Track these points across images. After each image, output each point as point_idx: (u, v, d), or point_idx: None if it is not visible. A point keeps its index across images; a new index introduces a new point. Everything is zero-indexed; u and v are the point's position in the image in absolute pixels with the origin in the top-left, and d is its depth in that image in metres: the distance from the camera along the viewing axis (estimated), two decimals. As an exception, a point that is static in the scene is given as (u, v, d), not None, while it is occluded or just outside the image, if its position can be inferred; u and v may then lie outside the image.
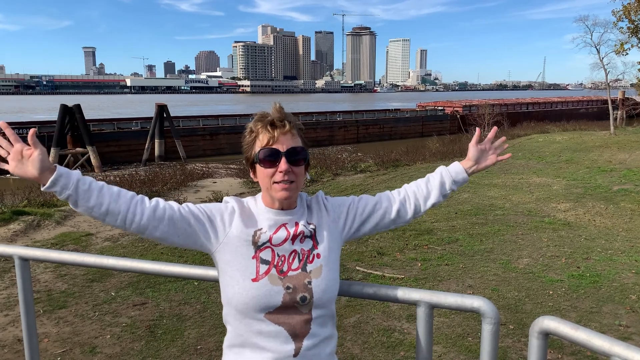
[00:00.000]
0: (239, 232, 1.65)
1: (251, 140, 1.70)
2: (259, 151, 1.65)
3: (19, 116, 59.04)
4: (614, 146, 21.53)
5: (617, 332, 5.15)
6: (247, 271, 1.61)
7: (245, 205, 1.73)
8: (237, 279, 1.62)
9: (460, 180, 1.92)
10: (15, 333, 5.09)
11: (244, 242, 1.65)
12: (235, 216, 1.68)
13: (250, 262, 1.62)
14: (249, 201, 1.74)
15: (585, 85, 55.96)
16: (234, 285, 1.62)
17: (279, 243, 1.66)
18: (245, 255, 1.63)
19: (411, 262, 7.27)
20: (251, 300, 1.59)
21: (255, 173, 1.72)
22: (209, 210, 1.70)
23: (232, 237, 1.66)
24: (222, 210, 1.70)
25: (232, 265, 1.64)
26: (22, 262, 2.46)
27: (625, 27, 25.43)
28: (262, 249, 1.64)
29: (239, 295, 1.60)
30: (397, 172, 15.72)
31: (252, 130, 1.70)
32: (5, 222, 8.95)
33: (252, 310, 1.60)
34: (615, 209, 10.30)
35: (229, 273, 1.64)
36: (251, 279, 1.60)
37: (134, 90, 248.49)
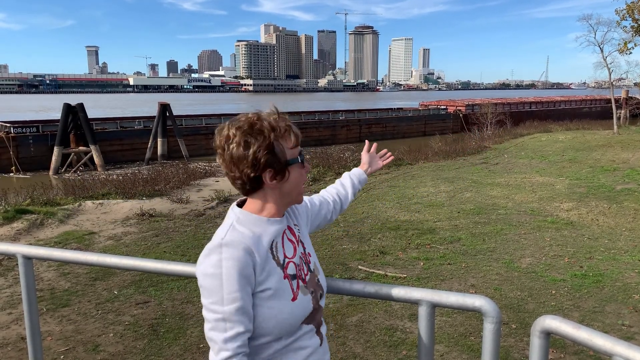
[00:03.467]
0: (263, 268, 1.54)
1: (275, 139, 1.54)
2: (298, 154, 1.60)
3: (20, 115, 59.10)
4: (617, 145, 21.46)
5: (620, 331, 5.14)
6: (285, 295, 1.57)
7: (252, 241, 1.53)
8: (278, 307, 1.54)
9: (363, 181, 2.26)
10: (18, 331, 5.11)
11: (270, 270, 1.56)
12: (257, 264, 1.52)
13: (284, 284, 1.58)
14: (245, 232, 1.55)
15: (589, 84, 55.78)
16: (276, 314, 1.54)
17: (292, 254, 1.67)
18: (278, 280, 1.56)
19: (413, 261, 7.27)
20: (295, 319, 1.59)
21: (285, 178, 1.59)
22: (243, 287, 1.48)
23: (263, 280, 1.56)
24: (249, 275, 1.49)
25: (268, 298, 1.54)
26: (25, 261, 2.47)
27: (629, 26, 25.33)
28: (286, 266, 1.61)
29: (282, 322, 1.55)
30: (400, 171, 15.71)
31: (273, 129, 1.55)
32: (8, 221, 8.98)
33: (295, 327, 1.61)
34: (619, 209, 10.27)
35: (267, 305, 1.53)
36: (291, 300, 1.58)
37: (136, 89, 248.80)
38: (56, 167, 26.62)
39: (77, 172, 26.37)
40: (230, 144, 1.54)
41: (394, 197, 11.61)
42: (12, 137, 26.40)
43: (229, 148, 1.54)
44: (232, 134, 1.54)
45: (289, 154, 1.58)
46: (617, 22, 25.99)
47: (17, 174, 25.32)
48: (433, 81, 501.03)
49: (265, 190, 1.60)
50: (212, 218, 9.83)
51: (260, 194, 1.61)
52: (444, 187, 12.84)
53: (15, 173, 25.34)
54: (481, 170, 15.82)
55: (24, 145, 27.05)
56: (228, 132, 1.56)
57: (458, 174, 15.09)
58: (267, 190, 1.60)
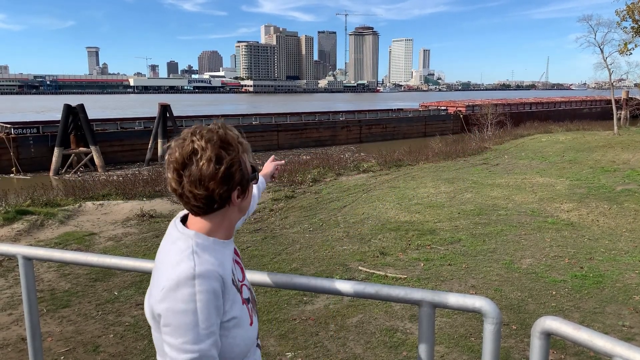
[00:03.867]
0: (229, 297, 1.45)
1: (238, 157, 1.44)
2: (253, 168, 1.52)
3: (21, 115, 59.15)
4: (617, 146, 21.46)
5: (620, 332, 5.14)
6: (245, 321, 1.49)
7: (220, 270, 1.42)
8: (240, 335, 1.46)
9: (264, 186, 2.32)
10: (19, 332, 5.11)
11: (234, 297, 1.47)
12: (224, 293, 1.42)
13: (244, 310, 1.50)
14: (203, 250, 1.42)
15: (589, 85, 55.75)
16: (238, 343, 1.46)
17: (242, 276, 1.59)
18: (240, 307, 1.48)
19: (414, 262, 7.27)
20: (252, 342, 1.55)
21: (246, 195, 1.49)
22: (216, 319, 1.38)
23: None
24: (219, 305, 1.38)
25: (233, 327, 1.46)
26: (25, 262, 2.48)
27: (629, 27, 25.37)
28: (241, 291, 1.52)
29: (243, 349, 1.49)
30: (400, 172, 15.71)
31: (239, 142, 1.46)
32: (8, 222, 8.98)
33: (251, 348, 1.55)
34: (619, 209, 10.27)
35: (231, 335, 1.44)
36: (249, 325, 1.51)
37: (137, 90, 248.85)
38: (56, 168, 26.64)
39: (77, 173, 26.39)
40: (198, 159, 1.37)
41: (394, 198, 11.61)
42: (12, 138, 26.42)
43: (196, 163, 1.36)
44: (201, 147, 1.37)
45: (250, 170, 1.50)
46: (618, 22, 26.05)
47: (18, 174, 25.34)
48: (433, 82, 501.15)
49: (227, 209, 1.46)
50: (212, 219, 9.83)
51: (220, 213, 1.46)
52: (444, 188, 12.84)
53: (15, 174, 25.36)
54: (481, 171, 15.82)
55: (25, 146, 27.07)
56: (194, 145, 1.38)
57: (458, 174, 15.09)
58: (229, 209, 1.47)
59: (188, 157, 1.37)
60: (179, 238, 1.45)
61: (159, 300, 1.35)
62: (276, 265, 7.28)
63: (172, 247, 1.44)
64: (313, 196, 12.05)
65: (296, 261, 7.40)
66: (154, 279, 1.46)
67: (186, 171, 1.37)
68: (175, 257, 1.39)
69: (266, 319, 5.41)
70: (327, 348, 4.81)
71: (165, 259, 1.44)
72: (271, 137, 35.98)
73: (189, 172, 1.37)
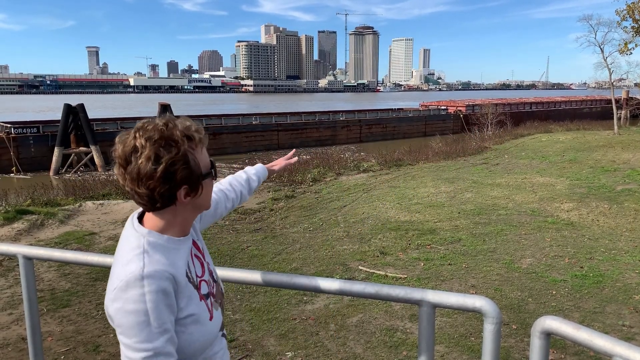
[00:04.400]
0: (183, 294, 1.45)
1: (189, 151, 1.41)
2: (212, 163, 1.50)
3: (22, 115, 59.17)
4: (617, 146, 21.46)
5: (620, 332, 5.14)
6: (204, 317, 1.50)
7: (172, 269, 1.41)
8: (198, 330, 1.47)
9: (264, 177, 2.26)
10: (19, 332, 5.12)
11: (190, 294, 1.47)
12: (177, 291, 1.42)
13: (202, 307, 1.50)
14: (155, 249, 1.41)
15: (589, 84, 55.76)
16: (197, 338, 1.47)
17: (202, 272, 1.58)
18: (197, 304, 1.48)
19: (414, 261, 7.27)
20: (213, 336, 1.56)
21: (198, 193, 1.46)
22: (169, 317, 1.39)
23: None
24: (171, 304, 1.39)
25: (191, 323, 1.47)
26: (26, 261, 2.48)
27: (629, 27, 25.36)
28: (199, 287, 1.52)
29: (204, 343, 1.50)
30: (400, 172, 15.71)
31: (188, 138, 1.42)
32: (9, 221, 8.98)
33: (213, 341, 1.57)
34: (619, 209, 10.27)
35: (189, 331, 1.45)
36: (208, 320, 1.52)
37: (137, 89, 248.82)
38: (57, 168, 26.65)
39: (77, 172, 26.39)
40: (137, 157, 1.35)
41: (394, 198, 11.61)
42: (12, 137, 26.43)
43: (135, 162, 1.35)
44: (140, 145, 1.35)
45: (203, 167, 1.45)
46: (618, 22, 26.07)
47: (18, 174, 25.34)
48: (433, 81, 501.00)
49: (177, 207, 1.44)
50: (212, 218, 9.83)
51: (168, 211, 1.44)
52: (444, 187, 12.84)
53: (15, 173, 25.36)
54: (481, 170, 15.82)
55: (25, 145, 27.08)
56: (135, 143, 1.35)
57: (458, 174, 15.09)
58: (179, 207, 1.45)
59: (129, 155, 1.36)
60: (132, 235, 1.45)
61: (111, 300, 1.37)
62: (276, 265, 7.28)
63: (126, 244, 1.45)
64: (313, 196, 12.05)
65: (296, 261, 7.41)
66: (110, 275, 1.46)
67: (128, 168, 1.37)
68: (127, 255, 1.41)
69: (266, 319, 5.41)
70: (327, 348, 4.81)
71: (118, 256, 1.45)
72: (271, 136, 35.98)
73: (130, 169, 1.36)
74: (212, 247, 8.01)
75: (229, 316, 5.47)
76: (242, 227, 9.29)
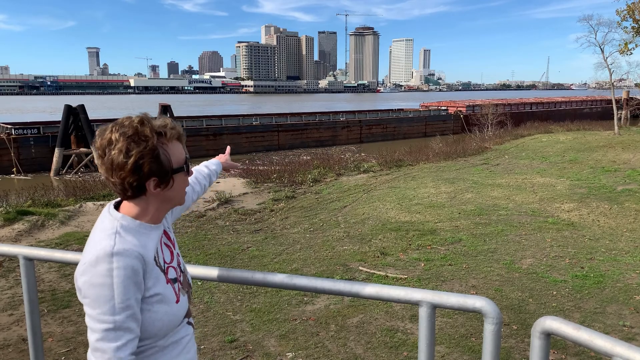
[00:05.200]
0: (151, 275, 1.55)
1: (160, 146, 1.51)
2: (185, 158, 1.60)
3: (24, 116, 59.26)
4: (618, 146, 21.45)
5: (621, 332, 5.14)
6: (170, 298, 1.59)
7: (142, 249, 1.51)
8: (163, 310, 1.56)
9: (219, 169, 2.37)
10: (19, 332, 5.12)
11: (157, 276, 1.57)
12: (146, 271, 1.51)
13: (168, 289, 1.59)
14: (127, 231, 1.52)
15: (590, 85, 55.77)
16: (162, 317, 1.56)
17: (170, 259, 1.67)
18: (163, 285, 1.57)
19: (414, 262, 7.27)
20: (178, 319, 1.64)
21: (169, 186, 1.56)
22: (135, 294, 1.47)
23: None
24: (140, 282, 1.48)
25: (156, 302, 1.55)
26: (26, 262, 2.48)
27: (630, 27, 25.35)
28: (167, 271, 1.62)
29: (168, 324, 1.59)
30: (401, 172, 15.71)
31: (159, 134, 1.52)
32: (9, 222, 8.99)
33: (178, 324, 1.65)
34: (620, 209, 10.26)
35: (154, 309, 1.54)
36: (175, 302, 1.61)
37: (137, 90, 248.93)
38: (57, 169, 26.66)
39: (77, 173, 26.40)
40: (111, 149, 1.48)
41: (394, 198, 11.61)
42: (13, 138, 26.45)
43: (109, 153, 1.48)
44: (115, 139, 1.47)
45: (175, 162, 1.55)
46: (618, 22, 26.04)
47: (18, 175, 25.36)
48: (434, 82, 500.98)
49: (148, 197, 1.56)
50: (212, 219, 9.84)
51: (142, 199, 1.56)
52: (444, 188, 12.84)
53: (16, 174, 25.38)
54: (482, 171, 15.81)
55: (25, 146, 27.10)
56: (111, 136, 1.48)
57: (459, 174, 15.09)
58: (150, 197, 1.56)
59: (105, 147, 1.49)
60: (107, 218, 1.57)
61: (80, 273, 1.48)
62: (277, 265, 7.28)
63: (100, 226, 1.56)
64: (313, 196, 12.06)
65: (297, 261, 7.41)
66: (83, 252, 1.56)
67: (104, 159, 1.50)
68: (99, 234, 1.52)
69: (267, 319, 5.41)
70: (328, 348, 4.81)
71: (92, 236, 1.56)
72: (272, 137, 35.98)
73: (105, 160, 1.49)
74: (212, 247, 8.02)
75: (229, 317, 5.48)
76: (243, 227, 9.29)
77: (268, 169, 16.39)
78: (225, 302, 5.85)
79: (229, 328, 5.19)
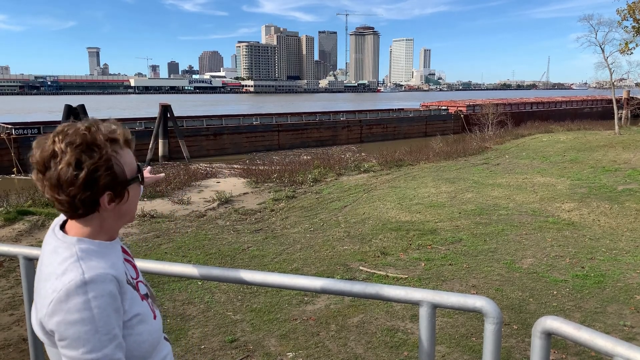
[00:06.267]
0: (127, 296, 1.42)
1: (113, 156, 1.35)
2: (138, 168, 1.43)
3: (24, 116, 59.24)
4: (618, 146, 21.44)
5: (621, 332, 5.13)
6: (148, 316, 1.47)
7: (113, 270, 1.37)
8: (146, 330, 1.44)
9: None
10: (20, 332, 5.12)
11: (132, 296, 1.45)
12: (122, 293, 1.38)
13: (144, 306, 1.47)
14: (89, 255, 1.36)
15: (590, 84, 55.77)
16: (146, 338, 1.44)
17: (136, 274, 1.56)
18: (140, 304, 1.45)
19: (415, 262, 7.27)
20: (159, 335, 1.53)
21: (124, 199, 1.41)
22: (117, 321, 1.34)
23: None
24: (118, 307, 1.34)
25: (137, 324, 1.43)
26: (26, 262, 2.48)
27: (630, 26, 25.33)
28: (137, 288, 1.50)
29: (152, 343, 1.47)
30: (401, 172, 15.71)
31: (112, 142, 1.36)
32: (10, 222, 8.99)
33: (159, 342, 1.55)
34: (620, 209, 10.26)
35: (136, 332, 1.41)
36: (153, 319, 1.49)
37: (137, 90, 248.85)
38: (57, 169, 26.62)
39: (78, 173, 26.37)
40: (57, 163, 1.28)
41: (395, 198, 11.61)
42: (13, 138, 26.46)
43: (54, 167, 1.28)
44: (60, 150, 1.28)
45: (128, 171, 1.39)
46: (618, 22, 26.01)
47: (19, 175, 25.37)
48: (434, 82, 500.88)
49: (101, 213, 1.38)
50: (213, 219, 9.84)
51: (94, 217, 1.39)
52: (445, 187, 12.84)
53: (16, 174, 25.39)
54: (482, 170, 15.81)
55: (26, 146, 27.06)
56: (54, 148, 1.29)
57: (459, 174, 15.08)
58: (104, 214, 1.39)
59: (47, 160, 1.30)
60: (60, 246, 1.38)
61: (49, 315, 1.28)
62: (277, 265, 7.28)
63: (54, 256, 1.36)
64: (314, 196, 12.05)
65: (297, 261, 7.41)
66: (38, 292, 1.37)
67: (46, 174, 1.30)
68: (60, 267, 1.32)
69: (267, 319, 5.41)
70: (328, 348, 4.81)
71: (47, 271, 1.35)
72: (272, 137, 35.98)
73: (49, 175, 1.30)
74: (212, 247, 8.02)
75: (230, 317, 5.47)
76: (243, 227, 9.29)
77: (268, 169, 16.40)
78: (225, 302, 5.85)
79: (230, 328, 5.19)
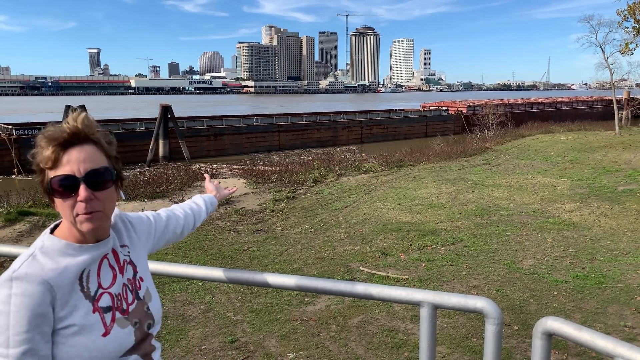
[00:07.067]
0: (66, 303, 1.36)
1: (43, 160, 1.37)
2: (52, 179, 1.36)
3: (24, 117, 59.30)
4: (619, 146, 21.43)
5: (622, 333, 5.13)
6: (94, 330, 1.39)
7: (53, 274, 1.34)
8: (82, 344, 1.36)
9: (214, 203, 2.38)
10: (20, 333, 5.11)
11: (76, 303, 1.38)
12: (57, 299, 1.33)
13: (93, 318, 1.40)
14: (46, 263, 1.36)
15: (590, 85, 55.72)
16: (81, 353, 1.36)
17: (110, 283, 1.48)
18: (84, 315, 1.38)
19: (415, 262, 7.26)
20: (109, 355, 1.42)
21: (54, 203, 1.41)
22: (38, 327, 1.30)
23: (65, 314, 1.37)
24: (45, 313, 1.30)
25: (72, 335, 1.36)
26: (27, 263, 2.48)
27: (630, 27, 25.33)
28: (99, 298, 1.43)
29: (88, 358, 1.37)
30: (401, 172, 15.71)
31: (41, 147, 1.37)
32: (10, 223, 8.99)
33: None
34: (621, 210, 10.25)
35: (70, 343, 1.35)
36: (102, 335, 1.40)
37: (138, 91, 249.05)
38: (58, 169, 26.62)
39: (79, 173, 26.36)
40: None
41: (395, 199, 11.61)
42: (14, 139, 26.47)
43: None
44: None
45: (51, 182, 1.37)
46: (619, 22, 26.02)
47: (19, 175, 25.38)
48: (434, 82, 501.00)
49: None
50: (213, 219, 9.84)
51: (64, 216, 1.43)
52: (445, 188, 12.84)
53: (17, 175, 25.40)
54: (483, 171, 15.81)
55: (26, 147, 27.06)
56: None
57: (459, 175, 15.08)
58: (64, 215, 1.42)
59: None
60: (38, 238, 1.46)
61: None
62: (277, 266, 7.28)
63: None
64: (314, 197, 12.05)
65: (297, 262, 7.40)
66: None
67: None
68: (17, 259, 1.39)
69: (267, 320, 5.41)
70: (329, 349, 4.81)
71: None
72: (272, 137, 35.98)
73: None
74: (213, 248, 8.02)
75: (230, 317, 5.47)
76: (243, 228, 9.29)
77: (269, 170, 16.41)
78: (226, 303, 5.85)
79: (230, 328, 5.19)
